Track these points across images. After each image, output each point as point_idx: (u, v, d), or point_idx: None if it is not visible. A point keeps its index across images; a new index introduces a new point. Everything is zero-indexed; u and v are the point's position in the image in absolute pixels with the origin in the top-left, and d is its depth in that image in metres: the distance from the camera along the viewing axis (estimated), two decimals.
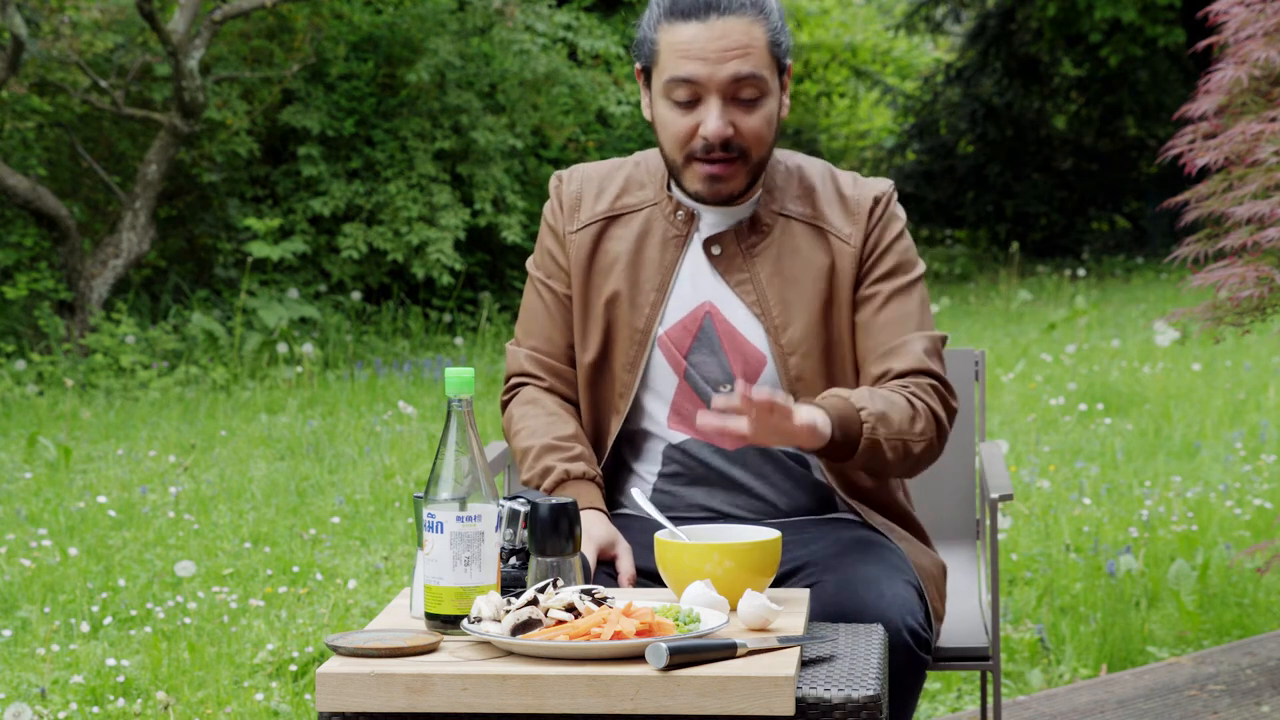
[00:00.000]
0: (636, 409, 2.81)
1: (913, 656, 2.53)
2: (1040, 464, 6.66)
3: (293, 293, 10.53)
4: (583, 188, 2.87)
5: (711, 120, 2.67)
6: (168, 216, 11.32)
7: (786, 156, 2.84)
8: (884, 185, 2.83)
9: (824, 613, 2.53)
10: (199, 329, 9.94)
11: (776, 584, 2.64)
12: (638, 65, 2.78)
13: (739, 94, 2.68)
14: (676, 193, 2.82)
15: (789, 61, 2.76)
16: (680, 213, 2.80)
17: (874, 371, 2.75)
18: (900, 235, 2.81)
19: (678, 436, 2.79)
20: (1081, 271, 15.48)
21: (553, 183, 2.91)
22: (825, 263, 2.77)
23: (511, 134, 11.52)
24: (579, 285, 2.83)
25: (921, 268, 2.83)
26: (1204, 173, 4.12)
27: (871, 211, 2.80)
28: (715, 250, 2.78)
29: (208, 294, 10.89)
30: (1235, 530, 5.55)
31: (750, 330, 2.76)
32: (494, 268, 12.35)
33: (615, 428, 2.81)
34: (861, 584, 2.55)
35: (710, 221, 2.80)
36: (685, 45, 2.67)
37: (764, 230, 2.78)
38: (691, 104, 2.70)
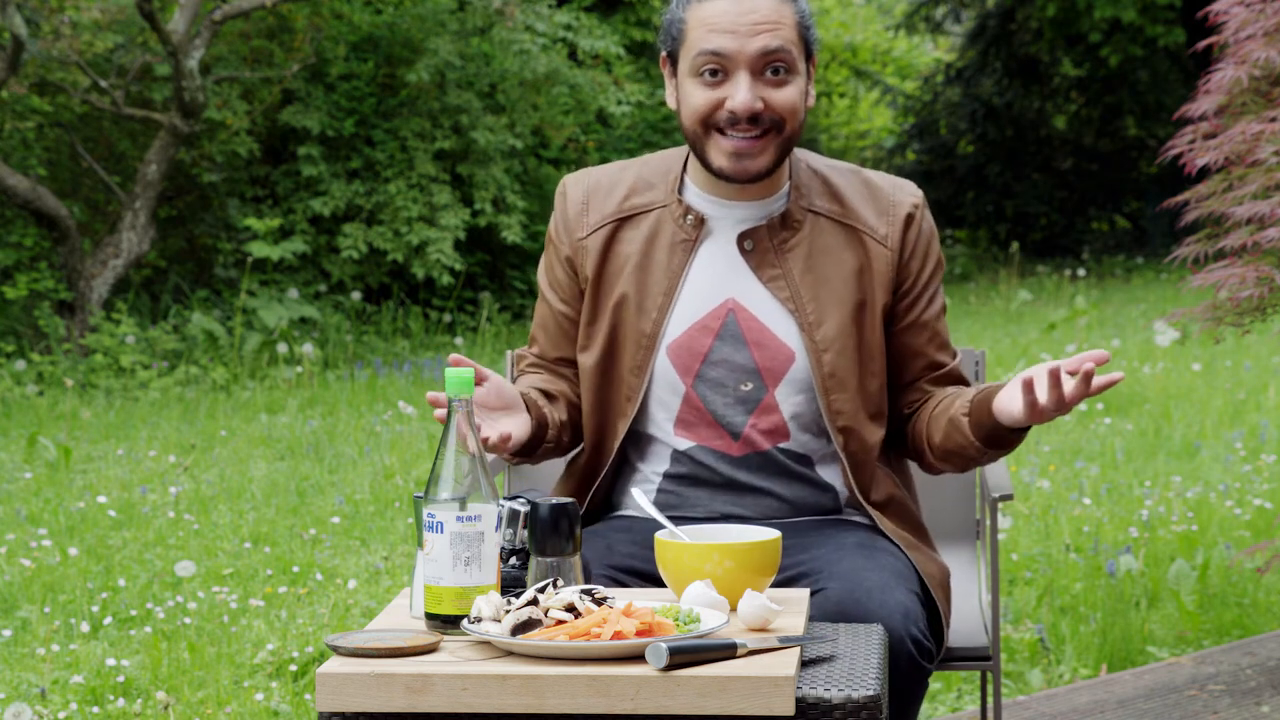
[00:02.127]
0: (643, 413, 2.80)
1: (915, 665, 2.53)
2: (1040, 464, 6.66)
3: (293, 293, 10.54)
4: (590, 192, 2.86)
5: (740, 93, 2.67)
6: (168, 216, 11.32)
7: (807, 157, 2.84)
8: (916, 192, 2.84)
9: (826, 620, 2.53)
10: (199, 329, 9.94)
11: (780, 588, 2.64)
12: (663, 52, 2.78)
13: (767, 69, 2.68)
14: (687, 196, 2.81)
15: (816, 51, 2.76)
16: (690, 216, 2.79)
17: (944, 392, 2.82)
18: (938, 253, 2.84)
19: (683, 443, 2.78)
20: (1081, 271, 15.48)
21: (558, 191, 2.90)
22: (858, 262, 2.78)
23: (511, 134, 11.52)
24: (591, 287, 2.82)
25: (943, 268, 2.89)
26: (1204, 173, 4.12)
27: (909, 222, 2.81)
28: (748, 245, 2.77)
29: (208, 294, 10.89)
30: (1235, 530, 5.55)
31: (780, 326, 2.75)
32: (494, 268, 12.36)
33: (621, 430, 2.80)
34: (864, 592, 2.54)
35: (741, 216, 2.78)
36: (714, 19, 2.67)
37: (795, 226, 2.78)
38: (719, 80, 2.69)
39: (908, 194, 2.83)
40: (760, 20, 2.67)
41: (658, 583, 2.63)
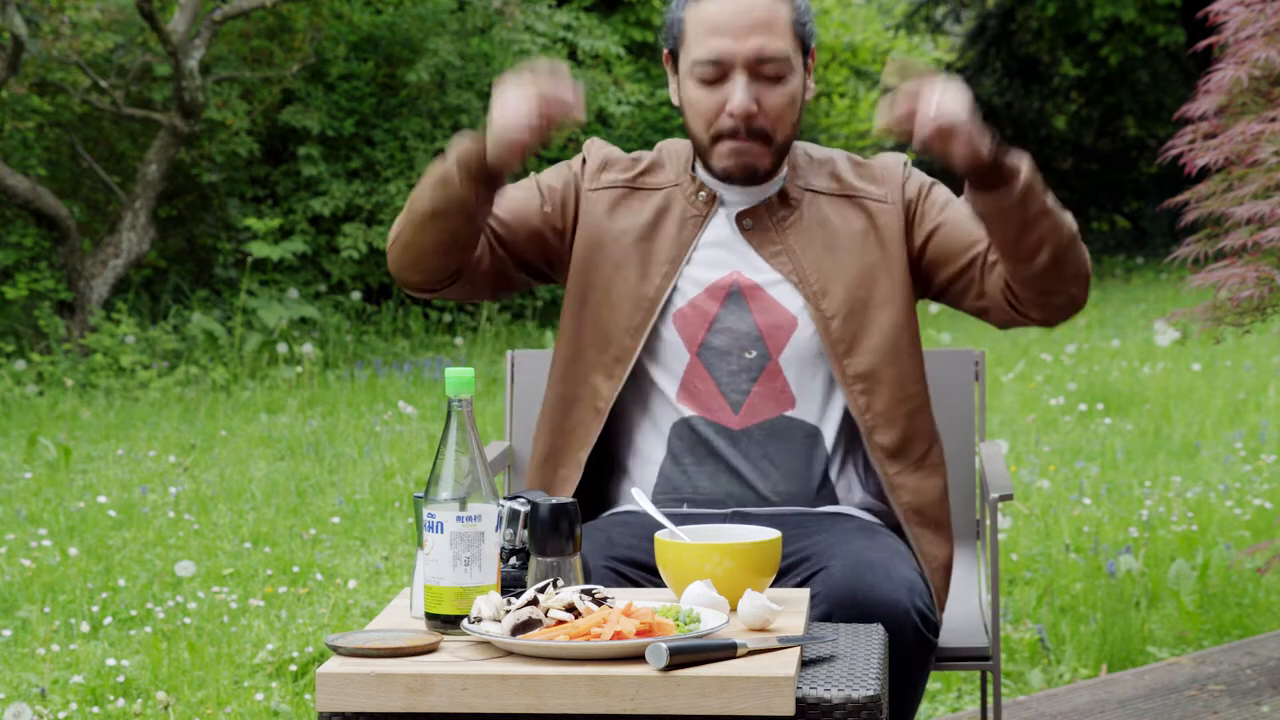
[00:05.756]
0: (644, 382, 2.84)
1: (921, 639, 2.54)
2: (1040, 464, 6.66)
3: (293, 293, 10.53)
4: (608, 158, 2.93)
5: (737, 95, 2.75)
6: (168, 216, 11.32)
7: (805, 146, 2.92)
8: (901, 156, 2.93)
9: (831, 596, 2.53)
10: (199, 329, 9.94)
11: (781, 576, 2.64)
12: (665, 50, 2.87)
13: (763, 70, 2.76)
14: (700, 174, 2.88)
15: (813, 45, 2.83)
16: (703, 193, 2.86)
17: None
18: (935, 182, 2.90)
19: (686, 410, 2.81)
20: None
21: (585, 144, 2.95)
22: (862, 226, 2.85)
23: None
24: (585, 243, 2.86)
25: None
26: (1204, 173, 4.12)
27: (902, 173, 2.89)
28: (747, 224, 2.84)
29: (208, 294, 10.89)
30: (1235, 530, 5.55)
31: (784, 296, 2.81)
32: None
33: (610, 393, 2.82)
34: (868, 568, 2.56)
35: (739, 198, 2.86)
36: (712, 19, 2.75)
37: (793, 205, 2.85)
38: (718, 81, 2.77)
39: (895, 159, 2.92)
40: (756, 21, 2.75)
41: (659, 574, 2.63)
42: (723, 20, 2.75)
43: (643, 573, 2.69)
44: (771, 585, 2.53)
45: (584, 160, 2.92)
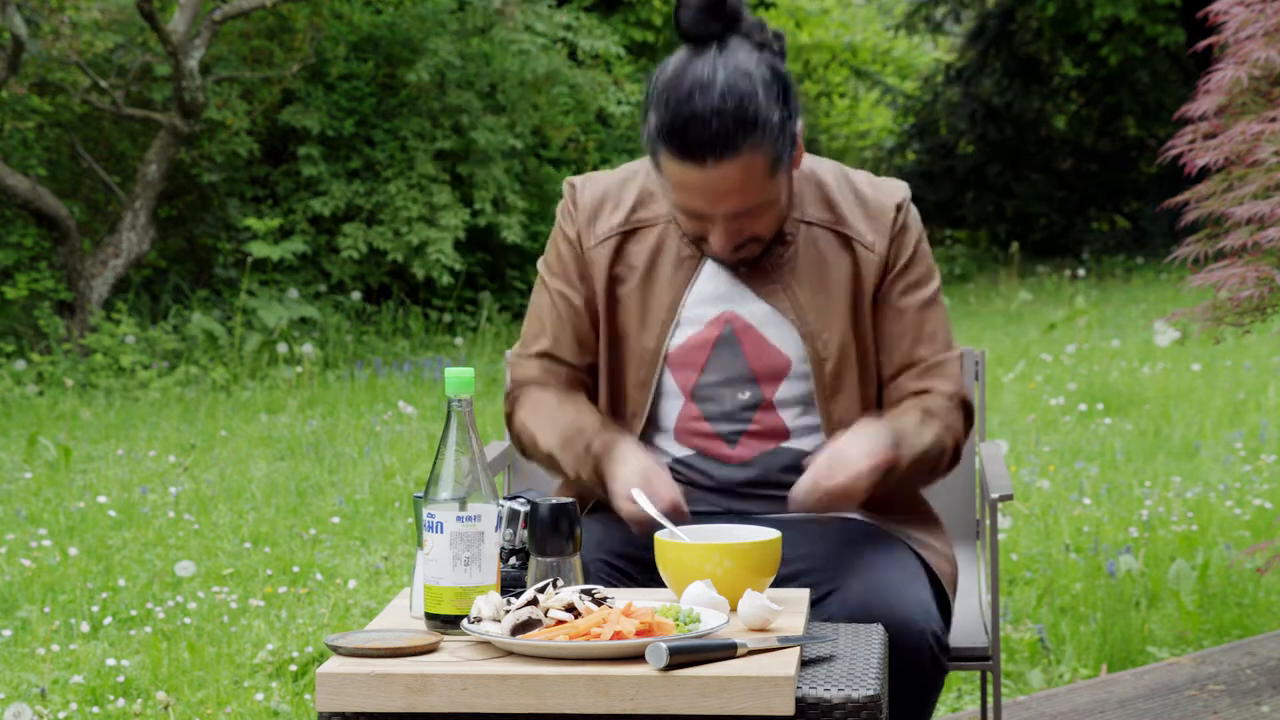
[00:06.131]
0: (646, 423, 2.81)
1: (936, 663, 2.54)
2: (1040, 464, 6.66)
3: (293, 293, 10.53)
4: (598, 201, 2.83)
5: (715, 241, 2.69)
6: (168, 216, 11.32)
7: None
8: (902, 190, 2.83)
9: (848, 617, 2.53)
10: (199, 329, 9.94)
11: (788, 582, 2.64)
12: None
13: (744, 214, 2.67)
14: None
15: (799, 133, 2.70)
16: None
17: (913, 387, 2.77)
18: (921, 243, 2.83)
19: (682, 451, 2.79)
20: (1081, 271, 15.47)
21: (566, 188, 2.87)
22: (850, 269, 2.77)
23: (511, 134, 11.52)
24: (602, 301, 2.80)
25: (939, 278, 2.85)
26: (1204, 173, 4.12)
27: (895, 220, 2.80)
28: (743, 268, 2.77)
29: (208, 294, 10.89)
30: (1235, 530, 5.55)
31: (779, 336, 2.76)
32: (494, 268, 12.36)
33: None
34: (886, 587, 2.55)
35: None
36: (683, 180, 2.64)
37: (788, 241, 2.77)
38: (696, 218, 2.69)
39: (893, 197, 2.82)
40: (729, 188, 2.62)
41: (651, 566, 2.62)
42: (695, 184, 2.62)
43: (635, 566, 2.69)
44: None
45: (575, 211, 2.83)
